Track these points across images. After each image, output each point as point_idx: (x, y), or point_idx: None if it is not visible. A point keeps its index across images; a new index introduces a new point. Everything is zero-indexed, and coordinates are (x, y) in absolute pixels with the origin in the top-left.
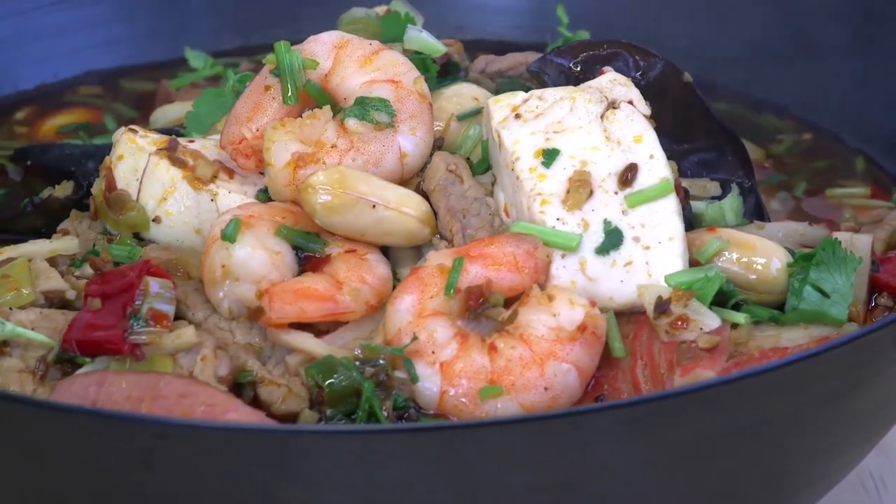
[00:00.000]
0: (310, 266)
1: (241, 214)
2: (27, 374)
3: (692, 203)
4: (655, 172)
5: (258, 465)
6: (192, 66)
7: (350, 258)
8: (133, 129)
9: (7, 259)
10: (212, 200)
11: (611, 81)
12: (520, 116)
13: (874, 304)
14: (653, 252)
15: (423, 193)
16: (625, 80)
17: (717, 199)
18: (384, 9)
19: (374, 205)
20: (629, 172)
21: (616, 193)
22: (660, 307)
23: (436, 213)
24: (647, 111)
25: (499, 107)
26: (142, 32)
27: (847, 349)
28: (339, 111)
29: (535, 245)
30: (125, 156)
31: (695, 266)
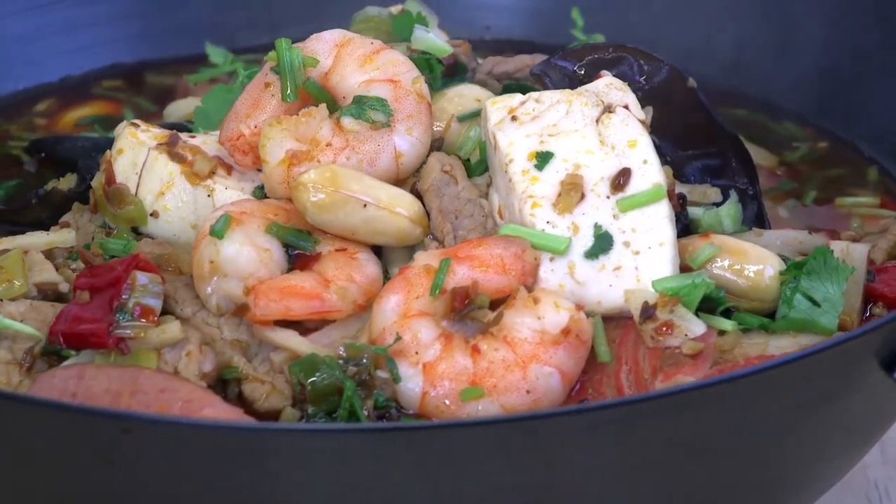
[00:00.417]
0: (299, 264)
1: (233, 211)
2: (14, 366)
3: (690, 209)
4: (648, 177)
5: (224, 462)
6: (213, 62)
7: (339, 257)
8: (135, 124)
9: (3, 250)
10: (208, 196)
11: (607, 85)
12: (516, 119)
13: (869, 314)
14: (642, 257)
15: (419, 193)
16: (621, 85)
17: (717, 206)
18: (399, 8)
19: (366, 204)
20: (622, 177)
21: (608, 198)
22: (645, 312)
23: (428, 214)
24: (643, 116)
25: (496, 108)
26: (168, 27)
27: (822, 357)
28: (338, 110)
29: (524, 248)
30: (125, 150)
31: (687, 272)
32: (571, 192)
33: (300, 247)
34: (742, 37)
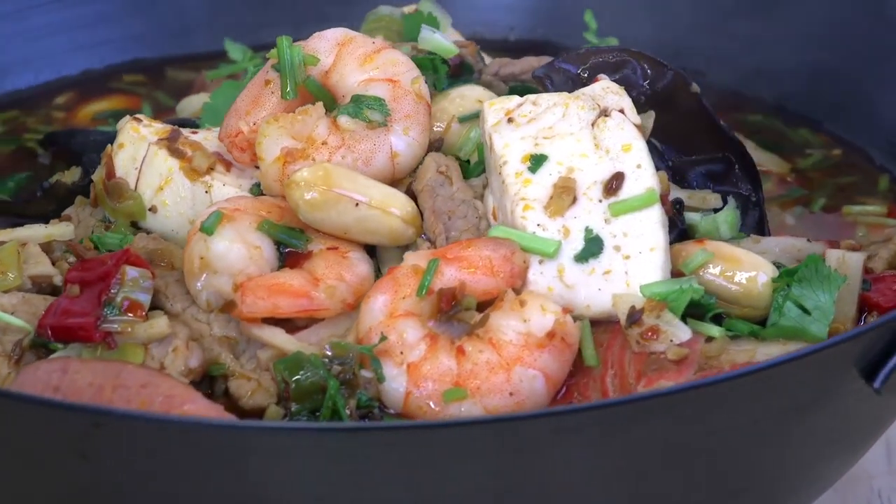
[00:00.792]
0: (290, 262)
1: (227, 207)
2: (3, 358)
3: (688, 214)
4: (642, 182)
5: (196, 458)
6: (231, 59)
7: (330, 255)
8: (138, 119)
9: (0, 242)
10: (206, 192)
11: (604, 89)
12: (512, 121)
13: (863, 324)
14: (633, 262)
15: (415, 194)
16: (617, 89)
17: (716, 212)
18: (412, 8)
19: (358, 203)
20: (615, 181)
21: (600, 201)
22: (631, 317)
23: (422, 214)
24: (638, 120)
25: (493, 110)
26: (192, 22)
27: (799, 364)
28: (337, 108)
29: (513, 250)
30: (125, 144)
31: (679, 277)
32: (563, 196)
33: (291, 244)
34: (760, 42)
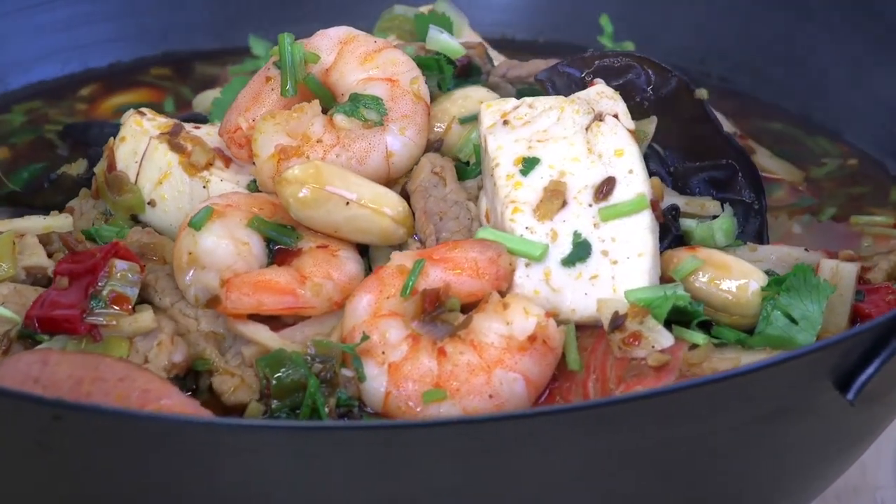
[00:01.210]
0: (279, 259)
1: (219, 203)
2: None
3: (685, 221)
4: (633, 187)
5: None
6: (255, 54)
7: (319, 254)
8: (141, 112)
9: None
10: (204, 187)
11: (598, 93)
12: (508, 123)
13: None
14: (620, 267)
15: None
16: (612, 93)
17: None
18: (429, 8)
19: (348, 202)
20: (606, 185)
21: (590, 206)
22: (614, 322)
23: (414, 214)
24: (632, 125)
25: (489, 112)
26: (223, 17)
27: (769, 373)
28: (334, 107)
29: (499, 252)
30: (127, 138)
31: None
32: (553, 199)
33: (281, 241)
34: (787, 51)
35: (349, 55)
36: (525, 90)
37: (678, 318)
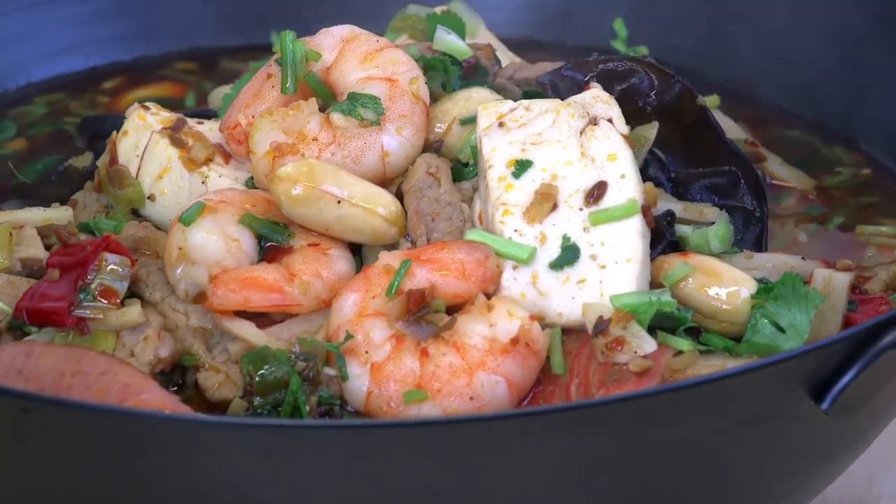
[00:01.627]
0: (269, 256)
1: (212, 199)
2: None
3: (678, 227)
4: (624, 192)
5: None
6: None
7: (310, 252)
8: (145, 107)
9: None
10: (203, 183)
11: (593, 97)
12: (503, 125)
13: None
14: (608, 272)
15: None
16: (607, 98)
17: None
18: (443, 8)
19: (340, 200)
20: (597, 190)
21: (581, 210)
22: (598, 327)
23: (407, 214)
24: (626, 130)
25: (486, 113)
26: (251, 13)
27: (739, 381)
28: (332, 105)
29: (486, 254)
30: (129, 132)
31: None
32: (543, 202)
33: (273, 239)
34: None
35: (350, 54)
36: (531, 92)
37: (665, 325)
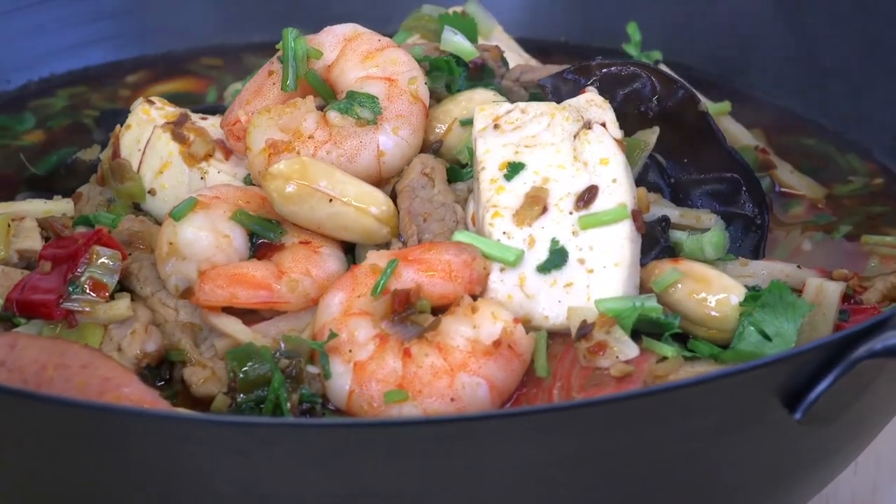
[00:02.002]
0: (260, 253)
1: (205, 195)
2: None
3: (673, 232)
4: (615, 197)
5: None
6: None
7: (300, 249)
8: (150, 101)
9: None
10: (202, 178)
11: (587, 101)
12: (498, 127)
13: None
14: (595, 276)
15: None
16: (601, 102)
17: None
18: (460, 8)
19: (331, 199)
20: (588, 194)
21: (571, 213)
22: (581, 331)
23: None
24: (619, 134)
25: (483, 115)
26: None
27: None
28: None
29: (474, 256)
30: (132, 126)
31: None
32: (533, 205)
33: (264, 236)
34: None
35: (351, 53)
36: (537, 95)
37: (653, 330)
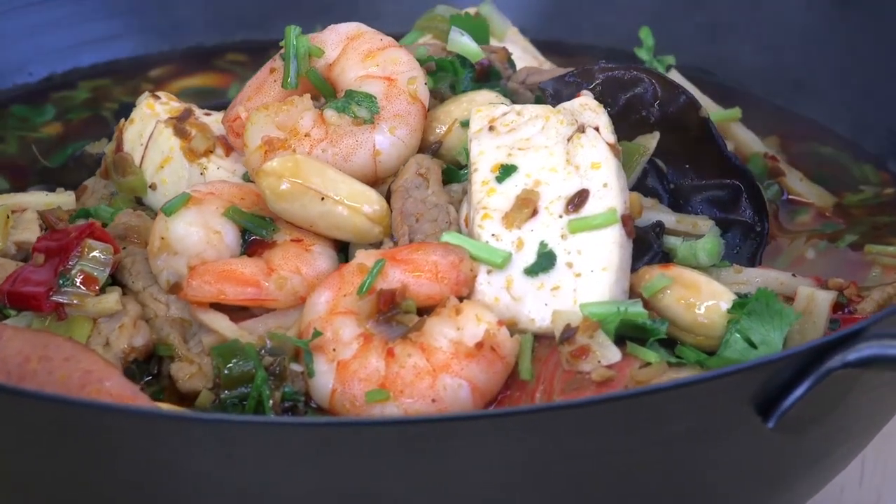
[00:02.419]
0: (251, 250)
1: (199, 191)
2: None
3: (668, 238)
4: (605, 202)
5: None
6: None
7: (291, 247)
8: (156, 96)
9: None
10: (201, 174)
11: (581, 105)
12: (494, 129)
13: None
14: (583, 280)
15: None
16: (595, 106)
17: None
18: (474, 10)
19: (324, 197)
20: (578, 197)
21: (561, 217)
22: (564, 334)
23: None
24: (612, 139)
25: (479, 117)
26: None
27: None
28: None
29: (461, 257)
30: (136, 120)
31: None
32: (522, 208)
33: (256, 232)
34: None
35: (352, 51)
36: (542, 97)
37: (638, 335)
